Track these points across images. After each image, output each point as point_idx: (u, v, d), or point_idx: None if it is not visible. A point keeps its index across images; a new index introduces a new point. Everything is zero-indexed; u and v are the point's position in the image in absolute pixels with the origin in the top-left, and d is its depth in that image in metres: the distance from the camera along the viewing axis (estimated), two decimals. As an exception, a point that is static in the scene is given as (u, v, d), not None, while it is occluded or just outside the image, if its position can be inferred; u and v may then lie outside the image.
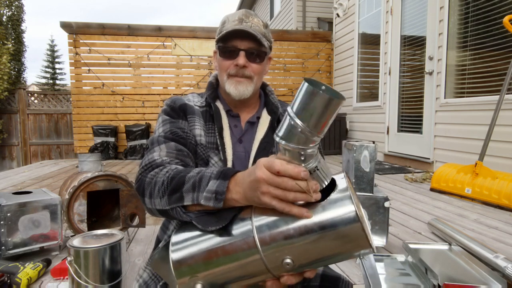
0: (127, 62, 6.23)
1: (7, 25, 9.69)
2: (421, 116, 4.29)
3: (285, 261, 0.57)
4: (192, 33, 6.37)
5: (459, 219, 2.37)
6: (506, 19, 2.73)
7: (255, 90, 0.95)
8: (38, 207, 1.71)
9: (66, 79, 20.40)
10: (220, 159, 0.91)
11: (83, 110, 6.20)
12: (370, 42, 5.58)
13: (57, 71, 20.58)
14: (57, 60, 20.56)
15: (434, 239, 1.98)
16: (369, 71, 5.67)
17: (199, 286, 0.61)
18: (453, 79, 3.82)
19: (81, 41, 6.07)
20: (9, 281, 1.42)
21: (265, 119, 0.98)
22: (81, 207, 1.86)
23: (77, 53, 6.07)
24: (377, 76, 5.23)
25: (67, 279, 1.47)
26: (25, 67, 10.80)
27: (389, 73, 4.87)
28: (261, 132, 0.96)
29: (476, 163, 2.80)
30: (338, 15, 6.30)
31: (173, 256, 0.63)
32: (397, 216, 2.45)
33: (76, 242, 1.24)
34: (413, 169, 4.31)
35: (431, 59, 4.05)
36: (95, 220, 2.09)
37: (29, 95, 7.51)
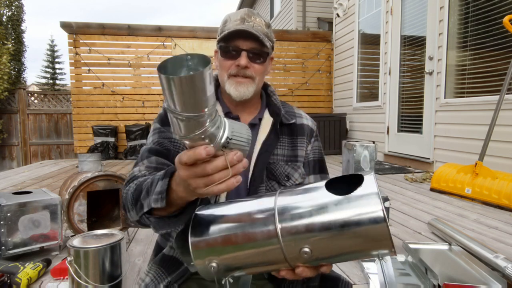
0: (127, 62, 6.22)
1: (7, 25, 9.69)
2: (421, 116, 4.29)
3: (303, 249, 0.57)
4: (192, 33, 6.37)
5: (459, 219, 2.37)
6: (506, 19, 2.73)
7: (257, 90, 0.94)
8: (38, 207, 1.71)
9: (66, 79, 20.44)
10: None
11: (83, 110, 6.20)
12: (370, 42, 5.58)
13: (57, 71, 20.60)
14: (57, 60, 20.58)
15: (434, 239, 1.98)
16: (369, 71, 5.67)
17: (214, 264, 0.62)
18: (453, 79, 3.82)
19: (81, 41, 6.07)
20: (9, 281, 1.42)
21: (267, 120, 0.97)
22: (81, 207, 1.86)
23: (77, 53, 6.06)
24: (377, 76, 5.23)
25: (67, 279, 1.47)
26: (25, 67, 10.81)
27: (389, 73, 4.87)
28: (263, 134, 0.94)
29: (476, 163, 2.80)
30: (338, 15, 6.30)
31: (193, 237, 0.63)
32: (397, 216, 2.45)
33: (76, 242, 1.24)
34: (413, 169, 4.31)
35: (431, 59, 4.05)
36: (95, 220, 2.09)
37: (29, 95, 7.50)
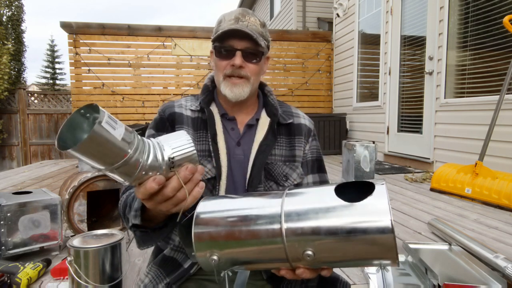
0: (127, 62, 6.22)
1: (7, 25, 9.68)
2: (421, 116, 4.29)
3: (306, 252, 0.57)
4: (192, 33, 6.37)
5: (459, 219, 2.37)
6: (506, 19, 2.73)
7: (252, 91, 0.93)
8: (38, 207, 1.71)
9: (66, 79, 20.42)
10: (213, 167, 0.89)
11: (83, 110, 6.20)
12: (370, 42, 5.58)
13: (57, 71, 20.58)
14: (57, 60, 20.56)
15: (434, 239, 1.98)
16: (369, 71, 5.67)
17: (215, 257, 0.61)
18: (453, 79, 3.82)
19: (81, 41, 6.06)
20: (9, 281, 1.42)
21: (265, 121, 0.96)
22: (81, 207, 1.86)
23: (77, 53, 6.06)
24: (377, 76, 5.23)
25: (67, 279, 1.47)
26: (25, 67, 10.79)
27: (389, 73, 4.87)
28: (260, 134, 0.93)
29: (476, 163, 2.79)
30: (338, 15, 6.30)
31: (196, 229, 0.63)
32: (397, 216, 2.45)
33: (76, 242, 1.24)
34: (413, 169, 4.31)
35: (431, 59, 4.04)
36: (95, 220, 2.10)
37: (29, 95, 7.50)
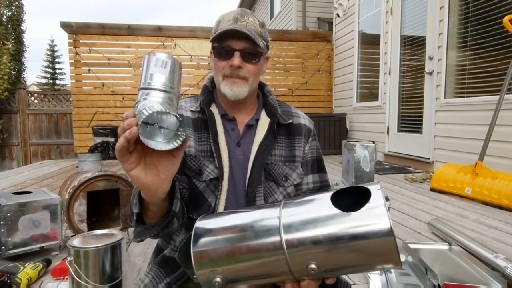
0: (127, 62, 6.22)
1: (7, 25, 9.67)
2: (421, 116, 4.29)
3: (310, 266, 0.56)
4: (192, 33, 6.37)
5: (459, 219, 2.37)
6: (506, 19, 2.73)
7: (251, 91, 0.93)
8: (38, 207, 1.71)
9: (66, 79, 20.40)
10: (216, 167, 0.89)
11: (83, 110, 6.20)
12: (370, 42, 5.58)
13: (57, 71, 20.55)
14: (57, 60, 20.53)
15: (434, 239, 1.98)
16: (369, 71, 5.67)
17: (218, 279, 0.60)
18: (453, 79, 3.82)
19: (81, 41, 6.07)
20: (9, 281, 1.42)
21: (264, 121, 0.95)
22: (81, 207, 1.86)
23: (77, 53, 6.06)
24: (377, 76, 5.23)
25: (67, 279, 1.47)
26: (25, 67, 10.78)
27: (389, 73, 4.87)
28: (260, 135, 0.93)
29: (476, 163, 2.79)
30: (338, 15, 6.30)
31: (195, 248, 0.61)
32: (397, 216, 2.45)
33: (76, 242, 1.24)
34: (413, 169, 4.31)
35: (431, 59, 4.04)
36: (95, 220, 2.09)
37: (29, 95, 7.50)
